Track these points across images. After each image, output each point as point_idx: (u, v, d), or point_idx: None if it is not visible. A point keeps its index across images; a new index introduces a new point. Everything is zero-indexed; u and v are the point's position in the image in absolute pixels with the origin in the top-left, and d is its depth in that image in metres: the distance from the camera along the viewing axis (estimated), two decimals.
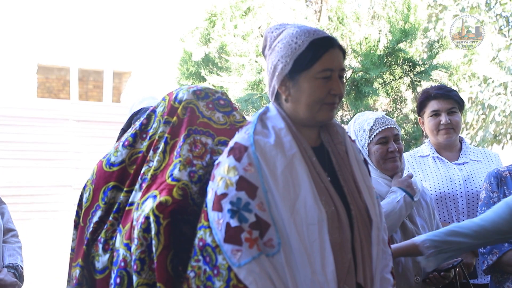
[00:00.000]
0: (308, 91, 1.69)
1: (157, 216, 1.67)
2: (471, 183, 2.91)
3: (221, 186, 1.63)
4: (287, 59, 1.70)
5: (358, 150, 1.88)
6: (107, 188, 1.90)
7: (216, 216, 1.61)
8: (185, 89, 1.95)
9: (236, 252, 1.57)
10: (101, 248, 1.85)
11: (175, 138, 1.84)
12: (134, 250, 1.70)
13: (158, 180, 1.78)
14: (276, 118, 1.74)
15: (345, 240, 1.66)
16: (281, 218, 1.61)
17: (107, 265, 1.83)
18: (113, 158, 1.94)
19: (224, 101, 1.96)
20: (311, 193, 1.63)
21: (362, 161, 1.85)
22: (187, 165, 1.78)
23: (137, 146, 1.93)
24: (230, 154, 1.66)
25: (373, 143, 2.66)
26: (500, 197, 2.55)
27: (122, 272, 1.74)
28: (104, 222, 1.89)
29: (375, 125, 2.67)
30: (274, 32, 1.78)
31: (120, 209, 1.87)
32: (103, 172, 1.93)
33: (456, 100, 2.97)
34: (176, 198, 1.71)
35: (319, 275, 1.59)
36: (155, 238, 1.66)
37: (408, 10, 7.33)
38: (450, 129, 2.95)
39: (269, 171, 1.63)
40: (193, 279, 1.61)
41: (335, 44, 1.72)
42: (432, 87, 3.06)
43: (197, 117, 1.87)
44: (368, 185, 1.80)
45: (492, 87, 8.94)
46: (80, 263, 1.87)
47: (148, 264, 1.69)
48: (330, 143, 1.80)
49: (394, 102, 7.93)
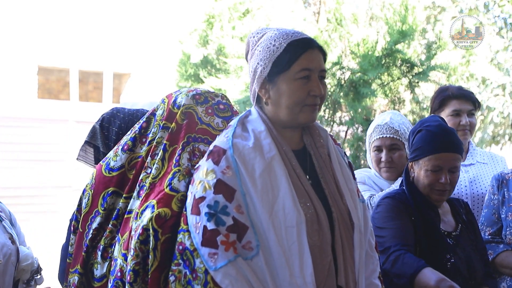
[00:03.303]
0: (287, 93, 1.67)
1: (156, 230, 1.64)
2: (476, 185, 2.92)
3: (199, 190, 1.62)
4: (265, 62, 1.69)
5: (343, 154, 1.87)
6: (106, 194, 1.87)
7: (194, 220, 1.61)
8: (184, 93, 1.92)
9: (213, 255, 1.56)
10: (100, 255, 1.83)
11: (174, 145, 1.81)
12: (129, 260, 1.67)
13: (156, 189, 1.75)
14: (256, 121, 1.73)
15: (325, 243, 1.65)
16: (260, 220, 1.60)
17: (105, 274, 1.80)
18: (112, 163, 1.90)
19: (224, 106, 1.93)
20: (290, 195, 1.62)
21: (346, 165, 1.84)
22: (186, 175, 1.75)
23: (137, 150, 1.90)
24: (209, 158, 1.66)
25: (371, 149, 2.70)
26: (499, 199, 2.58)
27: (118, 283, 1.71)
28: (104, 228, 1.86)
29: (374, 132, 2.69)
30: (255, 36, 1.77)
31: (119, 215, 1.84)
32: (103, 177, 1.89)
33: (474, 102, 2.96)
34: (175, 211, 1.68)
35: (298, 278, 1.58)
36: (152, 253, 1.63)
37: (406, 11, 7.35)
38: (467, 131, 2.94)
39: (247, 174, 1.62)
40: (173, 283, 1.60)
41: (313, 45, 1.71)
42: (451, 86, 3.01)
43: (196, 124, 1.84)
44: (350, 188, 1.78)
45: (491, 88, 8.96)
46: (79, 270, 1.85)
47: (141, 277, 1.66)
48: (313, 146, 1.78)
49: (392, 103, 7.95)
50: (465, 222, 2.37)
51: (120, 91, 15.17)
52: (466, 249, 2.27)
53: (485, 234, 2.57)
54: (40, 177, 11.30)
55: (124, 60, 14.17)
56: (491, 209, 2.60)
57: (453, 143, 2.25)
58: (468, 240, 2.32)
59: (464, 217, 2.38)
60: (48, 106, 12.35)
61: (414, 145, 2.29)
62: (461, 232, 2.31)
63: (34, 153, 11.45)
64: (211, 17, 8.61)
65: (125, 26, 13.82)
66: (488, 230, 2.57)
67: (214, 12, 8.58)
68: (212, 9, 8.59)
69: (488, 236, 2.56)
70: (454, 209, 2.39)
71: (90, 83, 14.98)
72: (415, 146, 2.28)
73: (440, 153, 2.22)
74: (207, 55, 8.62)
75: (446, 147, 2.23)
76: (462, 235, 2.31)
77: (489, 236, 2.56)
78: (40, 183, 11.30)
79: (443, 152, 2.22)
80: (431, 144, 2.23)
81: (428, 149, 2.23)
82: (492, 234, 2.56)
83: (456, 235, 2.28)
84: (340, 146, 1.89)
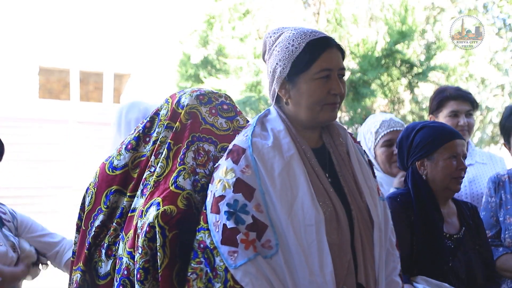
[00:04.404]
0: (308, 93, 1.69)
1: (163, 227, 1.65)
2: (476, 185, 2.93)
3: (219, 189, 1.64)
4: (284, 62, 1.70)
5: (362, 152, 1.87)
6: (109, 192, 1.87)
7: (214, 218, 1.63)
8: (188, 93, 1.92)
9: (233, 254, 1.58)
10: (104, 253, 1.83)
11: (179, 144, 1.82)
12: (138, 259, 1.68)
13: (161, 187, 1.75)
14: (275, 120, 1.74)
15: (344, 241, 1.66)
16: (279, 219, 1.61)
17: (110, 272, 1.81)
18: (116, 162, 1.90)
19: (227, 106, 1.93)
20: (308, 194, 1.63)
21: (366, 163, 1.84)
22: (191, 173, 1.76)
23: (140, 149, 1.90)
24: (229, 157, 1.68)
25: (379, 145, 2.67)
26: (496, 202, 2.58)
27: (125, 281, 1.72)
28: (107, 226, 1.86)
29: (381, 128, 2.67)
30: (272, 36, 1.78)
31: (123, 214, 1.84)
32: (106, 176, 1.90)
33: (473, 103, 2.97)
34: (181, 208, 1.69)
35: (317, 276, 1.59)
36: (160, 251, 1.64)
37: (405, 11, 7.37)
38: (466, 131, 2.93)
39: (266, 173, 1.63)
40: (195, 281, 1.61)
41: (332, 44, 1.72)
42: (448, 87, 3.01)
43: (200, 124, 1.84)
44: (369, 186, 1.78)
45: (490, 88, 8.98)
46: (82, 267, 1.85)
47: (152, 274, 1.67)
48: (332, 144, 1.79)
49: (392, 103, 7.97)
50: (470, 225, 2.36)
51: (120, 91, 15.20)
52: (468, 252, 2.27)
53: None
54: (41, 177, 11.31)
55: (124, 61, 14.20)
56: (489, 212, 2.60)
57: (457, 131, 2.32)
58: (471, 243, 2.32)
59: (470, 221, 2.37)
60: (48, 106, 12.37)
61: (420, 143, 2.28)
62: (464, 235, 2.30)
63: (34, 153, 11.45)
64: (211, 17, 8.62)
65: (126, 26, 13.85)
66: (487, 233, 2.56)
67: (214, 12, 8.59)
68: (212, 9, 8.60)
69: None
70: (460, 211, 2.38)
71: (90, 83, 15.00)
72: (422, 143, 2.28)
73: (454, 140, 2.26)
74: (207, 56, 8.64)
75: (456, 134, 2.28)
76: (465, 238, 2.30)
77: (489, 239, 2.54)
78: (41, 183, 11.31)
79: (457, 139, 2.26)
80: (442, 134, 2.26)
81: (442, 138, 2.25)
82: (491, 237, 2.56)
83: (458, 237, 2.28)
84: (360, 145, 1.90)
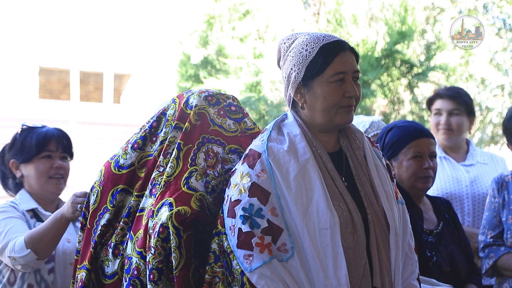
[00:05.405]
0: (323, 96, 1.70)
1: (177, 228, 1.66)
2: (477, 185, 2.94)
3: (235, 193, 1.66)
4: (299, 67, 1.72)
5: (380, 155, 1.88)
6: (115, 191, 1.87)
7: (230, 222, 1.65)
8: (197, 94, 1.91)
9: (248, 257, 1.60)
10: (111, 252, 1.82)
11: (189, 144, 1.81)
12: (150, 259, 1.68)
13: (172, 187, 1.75)
14: (292, 125, 1.76)
15: (360, 245, 1.67)
16: (294, 223, 1.63)
17: (117, 271, 1.80)
18: (122, 161, 1.89)
19: (235, 107, 1.94)
20: (323, 198, 1.64)
21: (383, 166, 1.84)
22: (203, 175, 1.77)
23: (147, 149, 1.89)
24: (245, 161, 1.70)
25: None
26: (499, 202, 2.59)
27: (136, 281, 1.72)
28: (113, 225, 1.86)
29: (370, 128, 2.69)
30: (286, 42, 1.80)
31: (130, 213, 1.84)
32: (112, 174, 1.89)
33: (462, 103, 2.95)
34: (195, 209, 1.70)
35: (332, 280, 1.60)
36: (176, 252, 1.65)
37: (405, 12, 7.38)
38: (448, 130, 2.94)
39: (281, 177, 1.66)
40: (217, 284, 1.64)
41: (345, 47, 1.74)
42: (444, 87, 3.05)
43: (209, 125, 1.85)
44: (386, 190, 1.78)
45: (490, 89, 8.98)
46: (87, 266, 1.84)
47: (165, 274, 1.67)
48: (349, 148, 1.80)
49: (392, 103, 7.98)
50: (447, 219, 2.39)
51: (120, 91, 15.22)
52: (449, 246, 2.30)
53: (487, 237, 2.58)
54: None
55: (124, 61, 14.22)
56: (492, 212, 2.61)
57: (426, 130, 2.32)
58: (450, 237, 2.35)
59: (446, 215, 2.40)
60: (49, 107, 12.39)
61: (388, 143, 2.32)
62: (443, 229, 2.34)
63: None
64: (211, 17, 8.64)
65: (126, 27, 13.87)
66: (490, 233, 2.59)
67: (214, 13, 8.61)
68: (212, 10, 8.61)
69: (490, 239, 2.58)
70: (435, 206, 2.42)
71: (90, 83, 15.02)
72: (390, 143, 2.31)
73: (418, 139, 2.28)
74: (207, 56, 8.65)
75: (422, 133, 2.30)
76: (444, 232, 2.33)
77: (491, 239, 2.57)
78: None
79: (421, 138, 2.29)
80: (406, 133, 2.29)
81: (405, 138, 2.28)
82: (494, 237, 2.58)
83: (438, 232, 2.31)
84: (378, 148, 1.90)
